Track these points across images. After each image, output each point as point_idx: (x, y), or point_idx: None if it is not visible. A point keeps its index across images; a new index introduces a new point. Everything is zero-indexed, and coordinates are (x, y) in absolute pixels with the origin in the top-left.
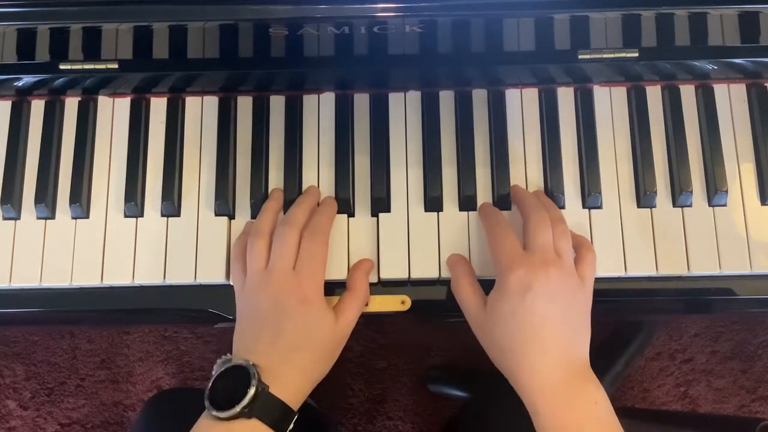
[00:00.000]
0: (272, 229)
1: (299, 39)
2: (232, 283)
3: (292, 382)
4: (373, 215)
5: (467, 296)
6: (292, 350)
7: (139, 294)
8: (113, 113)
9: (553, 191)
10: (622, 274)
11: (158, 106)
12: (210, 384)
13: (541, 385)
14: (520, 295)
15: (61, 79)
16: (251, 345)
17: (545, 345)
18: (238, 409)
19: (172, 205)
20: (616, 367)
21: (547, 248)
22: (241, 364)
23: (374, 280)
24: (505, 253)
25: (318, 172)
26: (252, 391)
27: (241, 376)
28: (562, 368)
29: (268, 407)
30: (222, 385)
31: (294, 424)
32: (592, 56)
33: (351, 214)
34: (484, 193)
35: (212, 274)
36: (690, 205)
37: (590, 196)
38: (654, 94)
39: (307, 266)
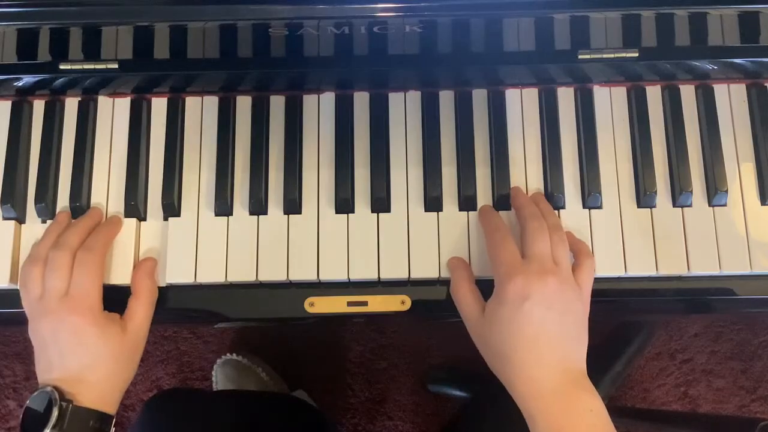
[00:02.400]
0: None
1: (299, 39)
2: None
3: (95, 393)
4: (372, 214)
5: (466, 302)
6: (82, 371)
7: None
8: (113, 113)
9: (553, 191)
10: (622, 274)
11: (158, 106)
12: (21, 416)
13: (538, 392)
14: (518, 303)
15: (61, 79)
16: (47, 370)
17: (542, 353)
18: (47, 431)
19: (172, 205)
20: (616, 367)
21: (545, 257)
22: (42, 390)
23: (374, 279)
24: (504, 262)
25: (318, 172)
26: (56, 413)
27: (45, 401)
28: (558, 376)
29: (78, 420)
30: (32, 415)
31: (114, 426)
32: (592, 56)
33: (350, 213)
34: (483, 194)
35: (212, 274)
36: (690, 205)
37: (590, 196)
38: (654, 94)
39: (78, 288)
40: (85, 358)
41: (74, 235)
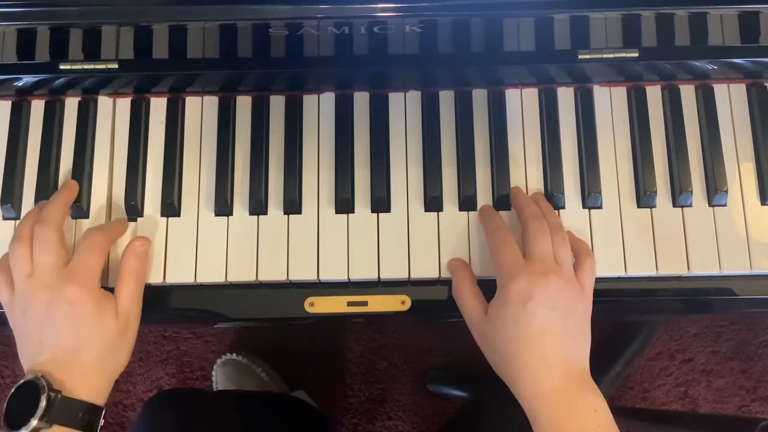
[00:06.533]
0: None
1: (299, 39)
2: None
3: (86, 380)
4: (372, 214)
5: (468, 303)
6: (75, 349)
7: None
8: (113, 113)
9: (553, 191)
10: (622, 274)
11: (158, 106)
12: (5, 407)
13: (542, 392)
14: (521, 303)
15: (61, 79)
16: (36, 355)
17: (545, 353)
18: (34, 422)
19: (171, 205)
20: (616, 367)
21: (547, 256)
22: (28, 379)
23: (374, 279)
24: (506, 261)
25: (318, 172)
26: (43, 402)
27: (31, 390)
28: (562, 376)
29: (67, 411)
30: (17, 406)
31: (104, 418)
32: (592, 56)
33: (350, 213)
34: (483, 194)
35: (212, 274)
36: (690, 205)
37: (590, 196)
38: (654, 94)
39: (81, 262)
40: (80, 334)
41: (55, 208)
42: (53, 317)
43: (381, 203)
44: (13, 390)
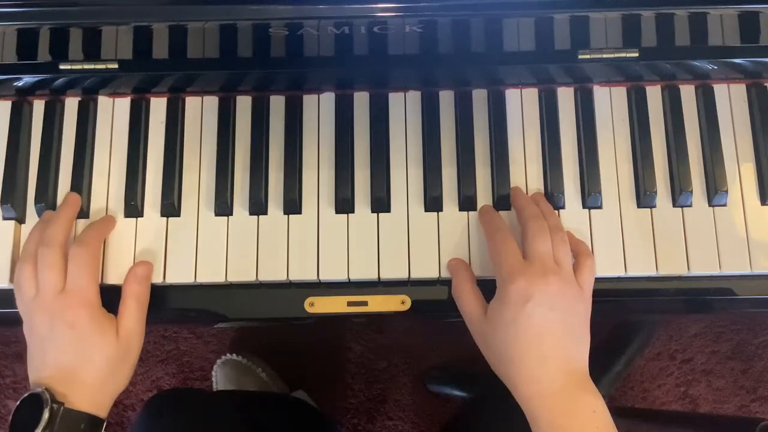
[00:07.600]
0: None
1: (299, 39)
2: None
3: (88, 395)
4: (372, 214)
5: (468, 303)
6: (75, 369)
7: None
8: (113, 113)
9: (553, 191)
10: (622, 274)
11: (158, 106)
12: (10, 419)
13: (541, 393)
14: (521, 304)
15: (61, 79)
16: (40, 369)
17: (545, 354)
18: None
19: (172, 205)
20: (616, 367)
21: (546, 257)
22: (32, 392)
23: (374, 279)
24: (506, 262)
25: (318, 172)
26: (46, 415)
27: (35, 403)
28: (561, 377)
29: (69, 423)
30: (21, 417)
31: (114, 426)
32: (592, 56)
33: (350, 213)
34: (483, 194)
35: (212, 274)
36: (690, 205)
37: (590, 196)
38: (654, 94)
39: (75, 283)
40: (81, 356)
41: (58, 228)
42: (56, 339)
43: (381, 203)
44: (18, 402)
